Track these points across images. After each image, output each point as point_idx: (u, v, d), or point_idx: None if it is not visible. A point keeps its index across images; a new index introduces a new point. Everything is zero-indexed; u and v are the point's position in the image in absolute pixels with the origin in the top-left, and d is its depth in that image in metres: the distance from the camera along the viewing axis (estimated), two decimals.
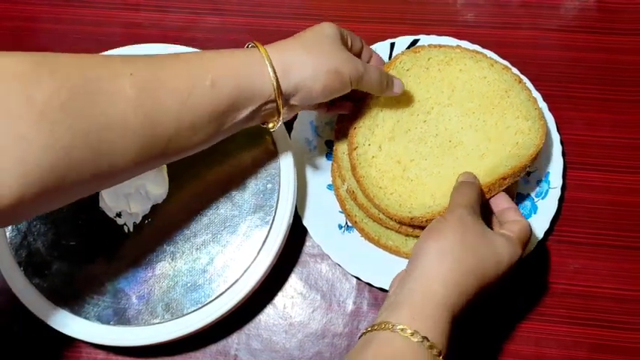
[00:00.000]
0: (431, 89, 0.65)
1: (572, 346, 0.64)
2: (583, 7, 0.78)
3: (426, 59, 0.67)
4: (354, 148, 0.63)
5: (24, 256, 0.61)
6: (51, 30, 0.81)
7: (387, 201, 0.61)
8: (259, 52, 0.55)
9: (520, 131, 0.63)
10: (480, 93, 0.65)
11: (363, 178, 0.62)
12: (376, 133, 0.64)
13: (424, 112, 0.64)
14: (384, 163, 0.63)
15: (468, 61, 0.66)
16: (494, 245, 0.53)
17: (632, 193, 0.69)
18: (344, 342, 0.66)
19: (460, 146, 0.63)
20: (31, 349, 0.66)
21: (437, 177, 0.62)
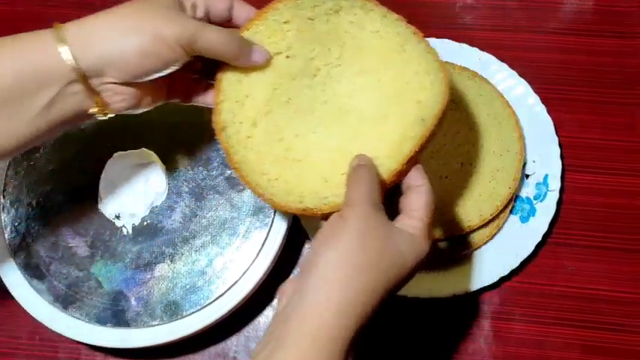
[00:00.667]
0: (316, 46, 0.53)
1: (572, 348, 0.64)
2: (581, 10, 0.78)
3: (311, 7, 0.53)
4: (222, 129, 0.52)
5: (23, 258, 0.61)
6: None
7: (272, 189, 0.51)
8: (51, 31, 0.47)
9: (422, 87, 0.51)
10: (373, 48, 0.53)
11: (240, 164, 0.52)
12: (247, 105, 0.52)
13: (308, 75, 0.53)
14: (262, 143, 0.52)
15: (358, 11, 0.54)
16: (400, 250, 0.45)
17: (629, 195, 0.69)
18: None
19: (354, 112, 0.53)
20: (30, 350, 0.66)
21: (329, 153, 0.52)
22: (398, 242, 0.45)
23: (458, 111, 0.67)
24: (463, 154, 0.65)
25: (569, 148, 0.71)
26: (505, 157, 0.66)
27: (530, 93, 0.70)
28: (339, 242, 0.44)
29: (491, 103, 0.68)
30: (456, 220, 0.64)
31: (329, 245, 0.44)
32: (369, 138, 0.51)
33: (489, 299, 0.66)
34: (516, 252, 0.65)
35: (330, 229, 0.45)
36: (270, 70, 0.52)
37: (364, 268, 0.43)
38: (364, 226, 0.44)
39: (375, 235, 0.44)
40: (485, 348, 0.65)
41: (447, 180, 0.65)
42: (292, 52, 0.53)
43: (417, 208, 0.47)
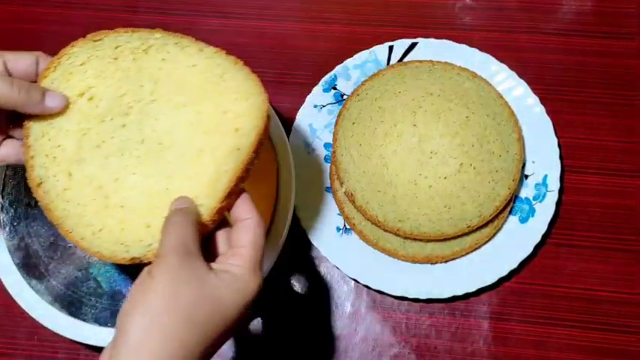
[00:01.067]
0: (124, 84, 0.51)
1: (572, 349, 0.64)
2: (580, 12, 0.78)
3: (113, 48, 0.51)
4: (38, 185, 0.49)
5: (21, 258, 0.61)
6: (51, 32, 0.81)
7: (98, 241, 0.48)
8: None
9: (239, 114, 0.50)
10: (191, 82, 0.51)
11: (63, 219, 0.49)
12: (59, 157, 0.49)
13: (120, 114, 0.50)
14: (81, 194, 0.49)
15: (172, 49, 0.52)
16: (218, 297, 0.42)
17: (631, 196, 0.70)
18: (342, 344, 0.66)
19: (173, 149, 0.50)
20: (29, 351, 0.66)
21: (149, 196, 0.49)
22: (215, 288, 0.43)
23: (457, 112, 0.67)
24: (462, 155, 0.65)
25: (569, 149, 0.71)
26: (504, 157, 0.66)
27: (530, 94, 0.70)
28: (146, 305, 0.41)
29: (490, 104, 0.68)
30: (456, 221, 0.64)
31: (137, 309, 0.41)
32: (187, 176, 0.49)
33: (488, 300, 0.66)
34: (515, 253, 0.65)
35: (138, 289, 0.42)
36: (74, 116, 0.50)
37: (177, 327, 0.40)
38: (173, 281, 0.41)
39: (186, 289, 0.41)
40: (484, 349, 0.65)
41: (446, 180, 0.65)
42: (95, 93, 0.51)
43: (243, 245, 0.45)
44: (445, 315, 0.66)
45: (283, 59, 0.78)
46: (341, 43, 0.77)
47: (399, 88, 0.69)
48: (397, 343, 0.65)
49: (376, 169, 0.66)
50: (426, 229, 0.64)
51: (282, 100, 0.74)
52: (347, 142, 0.68)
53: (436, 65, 0.70)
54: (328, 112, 0.72)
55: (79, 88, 0.50)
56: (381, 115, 0.68)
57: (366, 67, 0.73)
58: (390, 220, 0.64)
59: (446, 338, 0.65)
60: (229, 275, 0.44)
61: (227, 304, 0.43)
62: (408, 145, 0.66)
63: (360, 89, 0.70)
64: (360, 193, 0.65)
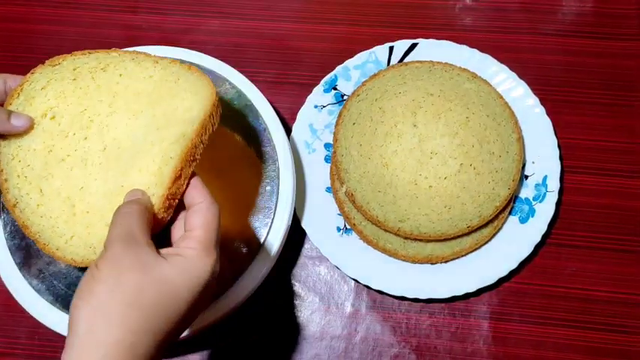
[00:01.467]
0: (84, 101, 0.54)
1: (571, 349, 0.65)
2: (581, 12, 0.78)
3: (71, 70, 0.55)
4: (14, 205, 0.52)
5: (22, 258, 0.61)
6: (51, 32, 0.81)
7: (71, 248, 0.51)
8: None
9: (188, 108, 0.52)
10: (148, 91, 0.54)
11: (39, 234, 0.52)
12: (29, 176, 0.52)
13: (82, 127, 0.53)
14: (53, 208, 0.52)
15: (128, 64, 0.55)
16: (165, 280, 0.42)
17: (630, 197, 0.70)
18: (342, 344, 0.66)
19: (130, 150, 0.52)
20: (30, 350, 0.66)
21: (110, 197, 0.51)
22: (162, 272, 0.42)
23: (457, 112, 0.67)
24: (462, 155, 0.65)
25: (569, 150, 0.71)
26: (504, 158, 0.66)
27: (530, 94, 0.70)
28: (91, 295, 0.41)
29: (490, 104, 0.68)
30: (456, 221, 0.64)
31: (83, 300, 0.41)
32: (138, 169, 0.51)
33: (488, 300, 0.66)
34: (515, 253, 0.65)
35: (85, 281, 0.42)
36: (39, 136, 0.53)
37: (122, 314, 0.40)
38: (116, 269, 0.42)
39: (129, 275, 0.41)
40: (484, 349, 0.65)
41: (447, 181, 0.65)
42: (56, 112, 0.53)
43: (194, 228, 0.46)
44: (445, 315, 0.66)
45: (284, 60, 0.78)
46: (341, 43, 0.77)
47: (400, 89, 0.69)
48: (397, 343, 0.65)
49: (376, 169, 0.66)
50: (426, 230, 0.64)
51: (283, 101, 0.75)
52: (347, 142, 0.68)
53: (436, 66, 0.71)
54: (329, 112, 0.72)
55: (42, 110, 0.53)
56: (382, 115, 0.68)
57: (367, 68, 0.73)
58: (391, 221, 0.64)
59: (446, 338, 0.65)
60: (180, 258, 0.44)
61: (176, 286, 0.42)
62: (409, 146, 0.66)
63: (361, 90, 0.70)
64: (361, 193, 0.65)
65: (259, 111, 0.66)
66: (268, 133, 0.65)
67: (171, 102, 0.53)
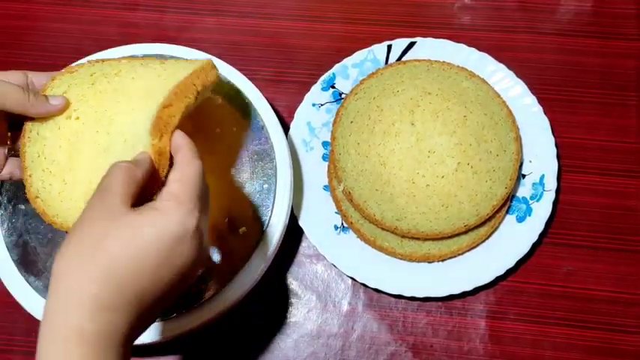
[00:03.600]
0: (104, 103, 0.57)
1: (568, 348, 0.65)
2: (579, 12, 0.78)
3: (88, 75, 0.59)
4: (36, 197, 0.56)
5: (20, 255, 0.61)
6: (50, 29, 0.81)
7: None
8: None
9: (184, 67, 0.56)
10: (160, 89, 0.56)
11: (57, 216, 0.55)
12: (53, 170, 0.56)
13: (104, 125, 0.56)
14: (74, 191, 0.55)
15: (139, 69, 0.59)
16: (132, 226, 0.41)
17: (627, 196, 0.70)
18: (339, 342, 0.66)
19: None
20: (27, 347, 0.66)
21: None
22: (129, 219, 0.41)
23: (455, 111, 0.67)
24: (460, 154, 0.65)
25: (566, 149, 0.71)
26: (502, 156, 0.66)
27: (527, 93, 0.70)
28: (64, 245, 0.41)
29: (488, 103, 0.68)
30: (453, 220, 0.64)
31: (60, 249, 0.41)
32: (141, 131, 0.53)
33: (485, 298, 0.66)
34: (512, 251, 0.65)
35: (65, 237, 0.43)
36: (65, 134, 0.56)
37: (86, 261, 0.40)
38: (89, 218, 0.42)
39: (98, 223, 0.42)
40: (480, 347, 0.65)
41: (444, 179, 0.65)
42: (80, 114, 0.56)
43: (171, 181, 0.45)
44: (442, 313, 0.66)
45: (282, 58, 0.78)
46: (340, 41, 0.78)
47: (398, 87, 0.69)
48: (394, 341, 0.66)
49: (374, 167, 0.66)
50: (423, 228, 0.64)
51: (281, 99, 0.75)
52: (345, 140, 0.68)
53: (434, 64, 0.71)
54: (327, 110, 0.72)
55: (67, 113, 0.56)
56: (380, 113, 0.68)
57: (365, 66, 0.73)
58: (388, 219, 0.64)
59: (442, 337, 0.66)
60: (151, 209, 0.43)
61: (143, 234, 0.41)
62: (406, 144, 0.66)
63: (359, 88, 0.70)
64: (358, 191, 0.66)
65: (257, 109, 0.66)
66: (266, 131, 0.65)
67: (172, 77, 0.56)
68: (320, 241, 0.66)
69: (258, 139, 0.65)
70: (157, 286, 0.42)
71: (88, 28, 0.81)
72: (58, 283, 0.39)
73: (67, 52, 0.78)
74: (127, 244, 0.41)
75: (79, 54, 0.69)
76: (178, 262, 0.42)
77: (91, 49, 0.70)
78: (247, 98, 0.66)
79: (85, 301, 0.39)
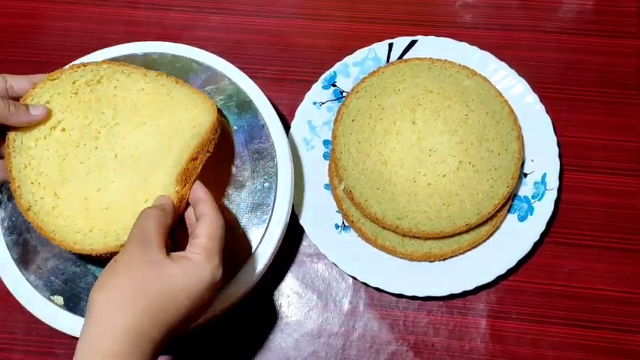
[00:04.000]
0: (89, 114, 0.59)
1: (569, 347, 0.64)
2: (581, 10, 0.78)
3: (70, 83, 0.60)
4: (27, 209, 0.57)
5: (20, 253, 0.61)
6: (53, 27, 0.81)
7: (90, 240, 0.56)
8: None
9: (193, 117, 0.60)
10: (144, 103, 0.61)
11: (54, 232, 0.56)
12: (43, 182, 0.57)
13: (91, 138, 0.59)
14: (69, 208, 0.57)
15: (119, 76, 0.61)
16: (169, 275, 0.48)
17: (629, 195, 0.69)
18: (340, 342, 0.66)
19: (144, 157, 0.58)
20: (27, 346, 0.66)
21: (130, 192, 0.57)
22: (167, 269, 0.48)
23: (456, 110, 0.67)
24: (461, 153, 0.65)
25: (568, 148, 0.71)
26: (503, 155, 0.66)
27: (529, 92, 0.70)
28: (107, 284, 0.47)
29: (489, 102, 0.68)
30: (454, 219, 0.64)
31: (100, 288, 0.47)
32: (160, 167, 0.57)
33: (486, 298, 0.66)
34: (514, 251, 0.65)
35: (104, 273, 0.49)
36: (52, 146, 0.58)
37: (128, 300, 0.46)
38: (129, 263, 0.48)
39: (139, 270, 0.48)
40: (482, 347, 0.65)
41: (445, 178, 0.65)
42: (65, 125, 0.59)
43: (200, 236, 0.51)
44: (443, 313, 0.66)
45: (283, 56, 0.78)
46: (341, 40, 0.77)
47: (399, 86, 0.69)
48: (395, 340, 0.65)
49: (375, 166, 0.66)
50: (424, 227, 0.64)
51: (282, 97, 0.75)
52: (346, 139, 0.68)
53: (436, 63, 0.70)
54: (328, 109, 0.72)
55: (51, 123, 0.58)
56: (381, 112, 0.68)
57: (366, 65, 0.73)
58: (389, 218, 0.64)
59: (444, 336, 0.65)
60: (186, 260, 0.50)
61: (178, 282, 0.48)
62: (407, 143, 0.66)
63: (360, 86, 0.70)
64: (359, 190, 0.65)
65: (258, 108, 0.66)
66: (267, 130, 0.65)
67: (173, 114, 0.60)
68: (321, 240, 0.66)
69: (259, 138, 0.65)
70: (184, 322, 0.49)
71: (92, 26, 0.81)
72: (103, 313, 0.46)
73: (72, 51, 0.78)
74: (164, 289, 0.47)
75: (83, 52, 0.70)
76: (203, 305, 0.50)
77: (95, 47, 0.70)
78: (248, 97, 0.66)
79: (130, 330, 0.45)
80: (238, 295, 0.60)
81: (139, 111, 0.60)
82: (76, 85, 0.60)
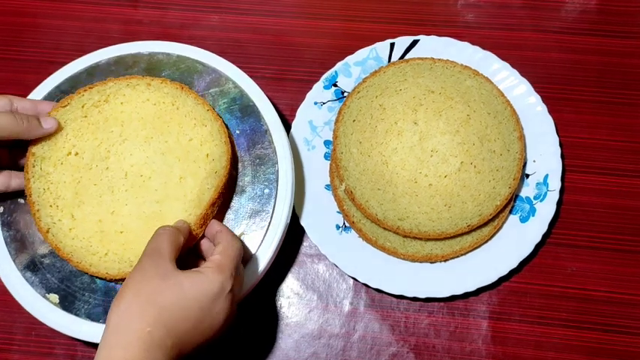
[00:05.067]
0: (98, 135, 0.62)
1: (571, 349, 0.64)
2: (584, 10, 0.77)
3: (80, 107, 0.62)
4: (47, 231, 0.59)
5: (17, 250, 0.61)
6: (51, 26, 0.81)
7: (105, 264, 0.58)
8: None
9: (204, 141, 0.61)
10: (150, 116, 0.62)
11: (71, 254, 0.58)
12: (60, 205, 0.60)
13: (102, 159, 0.61)
14: (85, 230, 0.59)
15: (125, 91, 0.63)
16: (179, 285, 0.50)
17: (631, 196, 0.69)
18: (340, 343, 0.65)
19: (155, 177, 0.60)
20: (26, 347, 0.66)
21: (145, 218, 0.59)
22: (178, 280, 0.50)
23: (458, 110, 0.66)
24: (463, 153, 0.65)
25: (570, 148, 0.71)
26: (505, 156, 0.65)
27: (532, 92, 0.70)
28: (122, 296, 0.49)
29: (491, 102, 0.67)
30: (456, 220, 0.63)
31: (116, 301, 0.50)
32: (175, 198, 0.59)
33: (488, 299, 0.66)
34: (516, 252, 0.65)
35: (120, 288, 0.51)
36: (68, 171, 0.60)
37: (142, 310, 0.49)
38: (142, 276, 0.50)
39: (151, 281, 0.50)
40: (483, 348, 0.64)
41: (447, 179, 0.64)
42: (78, 149, 0.61)
43: (214, 254, 0.54)
44: (444, 314, 0.66)
45: (284, 55, 0.77)
46: (342, 39, 0.77)
47: (400, 86, 0.69)
48: (395, 341, 0.65)
49: (376, 166, 0.65)
50: (425, 228, 0.64)
51: (282, 97, 0.74)
52: (347, 139, 0.67)
53: (437, 63, 0.70)
54: (329, 109, 0.71)
55: (66, 149, 0.61)
56: (382, 112, 0.67)
57: (367, 64, 0.72)
58: (390, 219, 0.64)
59: (444, 337, 0.65)
60: (196, 272, 0.52)
61: (187, 292, 0.50)
62: (409, 143, 0.66)
63: (361, 86, 0.70)
64: (360, 190, 0.65)
65: (261, 112, 0.65)
66: (269, 136, 0.64)
67: (181, 131, 0.61)
68: (321, 241, 0.66)
69: (261, 143, 0.64)
70: (196, 331, 0.51)
71: (90, 24, 0.80)
72: (119, 323, 0.48)
73: (68, 49, 0.78)
74: (174, 298, 0.50)
75: (80, 51, 0.69)
76: (214, 314, 0.51)
77: (93, 46, 0.70)
78: (252, 101, 0.65)
79: (143, 338, 0.47)
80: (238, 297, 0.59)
81: (146, 124, 0.62)
82: (84, 108, 0.62)
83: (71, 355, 0.65)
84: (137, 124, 0.62)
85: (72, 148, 0.61)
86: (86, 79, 0.67)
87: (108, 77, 0.65)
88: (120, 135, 0.62)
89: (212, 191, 0.59)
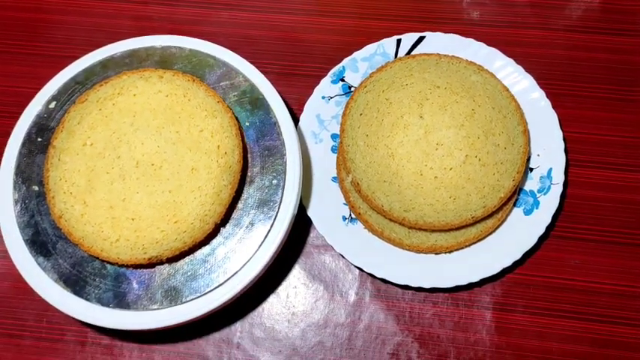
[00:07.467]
0: (112, 125, 0.63)
1: (574, 340, 0.65)
2: (588, 8, 0.78)
3: (95, 102, 0.64)
4: (60, 217, 0.60)
5: (30, 235, 0.62)
6: (65, 22, 0.82)
7: (117, 249, 0.59)
8: None
9: (214, 132, 0.62)
10: (162, 107, 0.63)
11: (83, 238, 0.59)
12: (74, 192, 0.61)
13: (113, 148, 0.62)
14: (96, 216, 0.60)
15: (138, 83, 0.64)
16: None
17: (634, 191, 0.70)
18: (345, 332, 0.66)
19: (166, 166, 0.61)
20: (38, 333, 0.67)
21: (156, 206, 0.60)
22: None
23: (463, 104, 0.67)
24: (468, 147, 0.66)
25: (574, 143, 0.72)
26: (509, 150, 0.66)
27: (536, 87, 0.70)
28: None
29: (496, 97, 0.68)
30: (460, 211, 0.64)
31: None
32: (190, 189, 0.60)
33: (492, 290, 0.67)
34: (519, 244, 0.65)
35: None
36: (82, 160, 0.62)
37: None
38: None
39: None
40: (487, 339, 0.65)
41: (452, 171, 0.65)
42: (93, 140, 0.62)
43: None
44: (448, 305, 0.67)
45: (292, 51, 0.79)
46: (350, 36, 0.78)
47: (406, 81, 0.70)
48: (400, 331, 0.66)
49: (382, 159, 0.66)
50: (430, 219, 0.64)
51: (291, 92, 0.75)
52: (354, 132, 0.68)
53: (443, 58, 0.71)
54: (336, 103, 0.73)
55: (82, 140, 0.63)
56: (388, 106, 0.68)
57: (374, 60, 0.74)
58: (396, 210, 0.65)
59: (449, 328, 0.66)
60: None
61: None
62: (415, 137, 0.67)
63: (368, 81, 0.71)
64: (366, 182, 0.66)
65: (271, 105, 0.66)
66: (278, 128, 0.65)
67: (192, 122, 0.62)
68: (328, 232, 0.67)
69: (269, 135, 0.65)
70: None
71: (101, 20, 0.82)
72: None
73: (80, 45, 0.80)
74: None
75: (92, 46, 0.70)
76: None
77: (104, 41, 0.71)
78: (262, 94, 0.67)
79: None
80: (240, 289, 0.60)
81: (157, 114, 0.63)
82: (99, 102, 0.64)
83: (81, 342, 0.66)
84: (149, 114, 0.63)
85: (87, 139, 0.62)
86: (100, 71, 0.68)
87: (122, 70, 0.67)
88: (132, 125, 0.62)
89: (229, 188, 0.60)
